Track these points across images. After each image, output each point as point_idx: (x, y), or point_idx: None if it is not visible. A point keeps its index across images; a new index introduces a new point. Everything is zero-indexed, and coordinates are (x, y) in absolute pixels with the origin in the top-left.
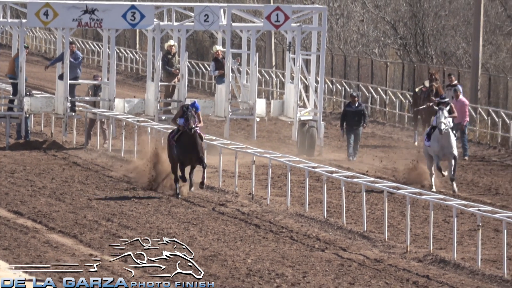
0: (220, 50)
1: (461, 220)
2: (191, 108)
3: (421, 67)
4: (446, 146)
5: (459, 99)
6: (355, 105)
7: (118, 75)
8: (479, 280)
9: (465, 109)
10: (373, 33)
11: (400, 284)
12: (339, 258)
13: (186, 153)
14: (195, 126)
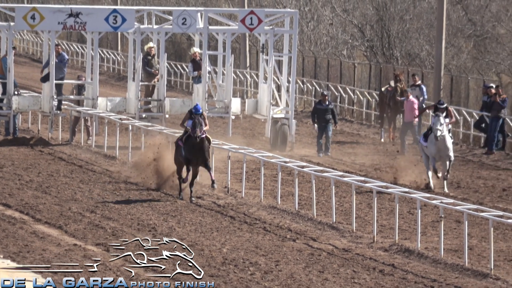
0: (197, 52)
1: (424, 212)
2: (196, 112)
3: (387, 68)
4: (443, 149)
5: (409, 99)
6: (326, 104)
7: (101, 75)
8: (442, 269)
9: (415, 108)
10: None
11: (367, 272)
12: (310, 247)
13: (194, 154)
14: (201, 134)
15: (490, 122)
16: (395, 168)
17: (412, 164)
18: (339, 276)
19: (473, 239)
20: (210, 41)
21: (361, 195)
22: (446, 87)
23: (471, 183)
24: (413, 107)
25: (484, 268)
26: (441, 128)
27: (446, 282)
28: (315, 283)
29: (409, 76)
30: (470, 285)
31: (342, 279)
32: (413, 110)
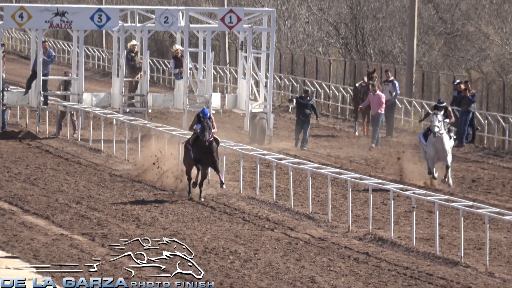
0: (179, 49)
1: (397, 202)
2: (204, 116)
3: (361, 64)
4: (441, 150)
5: (376, 93)
6: (307, 99)
7: (86, 72)
8: (414, 257)
9: (382, 102)
10: (317, 34)
11: (342, 260)
12: (287, 237)
13: (203, 156)
14: (210, 138)
15: (460, 116)
16: (400, 167)
17: (414, 163)
18: (316, 264)
19: (444, 229)
20: (191, 38)
21: (337, 187)
22: (417, 82)
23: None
24: (381, 101)
25: (455, 256)
26: (439, 125)
27: (418, 270)
28: (293, 271)
29: (382, 72)
30: (441, 272)
31: (318, 267)
32: (381, 104)
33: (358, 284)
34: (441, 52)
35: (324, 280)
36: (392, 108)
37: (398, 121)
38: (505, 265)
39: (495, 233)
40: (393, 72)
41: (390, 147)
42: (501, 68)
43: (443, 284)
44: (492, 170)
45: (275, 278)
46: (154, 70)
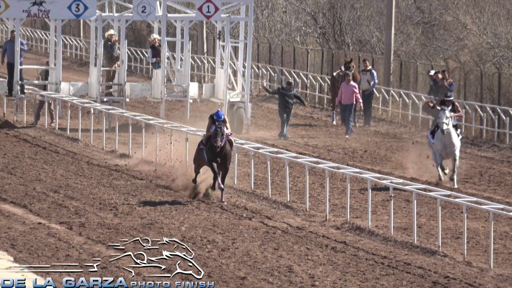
0: (156, 38)
1: (375, 191)
2: (218, 118)
3: (338, 53)
4: (448, 145)
5: (349, 83)
6: (289, 91)
7: (64, 61)
8: (392, 246)
9: (356, 93)
10: (295, 23)
11: (320, 249)
12: (265, 226)
13: (216, 159)
14: (222, 143)
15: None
16: (407, 165)
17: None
18: (293, 253)
19: (421, 218)
20: (169, 28)
21: (314, 176)
22: (395, 72)
23: (419, 163)
24: (353, 90)
25: (432, 245)
26: (447, 122)
27: (396, 259)
28: (270, 260)
29: (360, 61)
30: (419, 261)
31: (296, 256)
32: (353, 94)
33: (335, 273)
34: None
35: (301, 269)
36: (370, 97)
37: (375, 111)
38: (483, 255)
39: (473, 222)
40: (371, 61)
41: (367, 137)
42: (478, 58)
43: (420, 273)
44: (470, 159)
45: (253, 267)
46: (131, 60)
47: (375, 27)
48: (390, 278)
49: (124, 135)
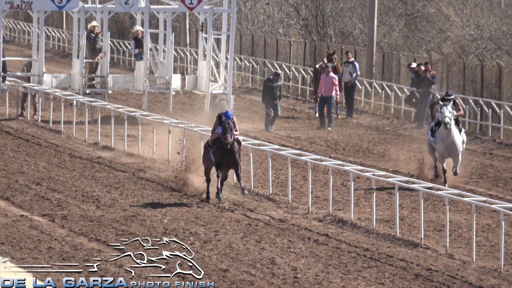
0: (139, 30)
1: (357, 184)
2: (227, 118)
3: (321, 45)
4: (451, 145)
5: (329, 75)
6: (276, 82)
7: (46, 53)
8: (374, 238)
9: (335, 84)
10: (278, 15)
11: (302, 242)
12: (247, 218)
13: (224, 160)
14: (232, 140)
15: (421, 98)
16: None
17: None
18: (276, 245)
19: (404, 210)
20: (152, 20)
21: (297, 168)
22: (378, 63)
23: (402, 155)
24: (333, 82)
25: (415, 238)
26: (450, 116)
27: (378, 251)
28: (253, 252)
29: (343, 53)
30: (401, 254)
31: (278, 248)
32: (333, 86)
33: (318, 265)
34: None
35: (284, 262)
36: (352, 89)
37: (358, 103)
38: (465, 247)
39: (455, 215)
40: (354, 53)
41: (350, 129)
42: (461, 50)
43: (403, 266)
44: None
45: (235, 259)
46: (114, 51)
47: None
48: (373, 271)
49: (106, 127)
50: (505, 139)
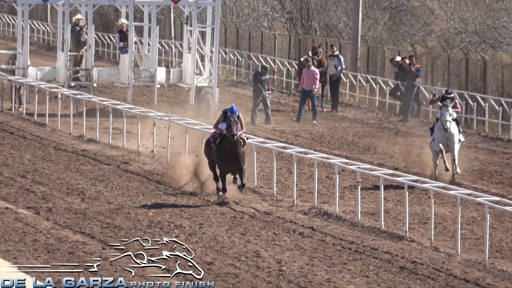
0: (124, 23)
1: (342, 176)
2: (232, 113)
3: (306, 39)
4: (449, 139)
5: (310, 69)
6: (265, 75)
7: (31, 46)
8: (359, 231)
9: (316, 78)
10: (262, 8)
11: (287, 235)
12: (232, 211)
13: (226, 161)
14: (238, 132)
15: (405, 91)
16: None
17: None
18: (261, 238)
19: (389, 203)
20: (136, 13)
21: (282, 161)
22: (363, 57)
23: (387, 148)
24: (315, 76)
25: (400, 230)
26: (450, 119)
27: (363, 244)
28: (237, 245)
29: (328, 46)
30: (386, 246)
31: (263, 241)
32: (314, 80)
33: (303, 258)
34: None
35: (269, 255)
36: (337, 82)
37: (343, 96)
38: (450, 240)
39: (440, 207)
40: (338, 46)
41: (334, 122)
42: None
43: (388, 259)
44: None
45: (220, 252)
46: (99, 44)
47: (343, 12)
48: (357, 263)
49: (91, 120)
50: (490, 133)
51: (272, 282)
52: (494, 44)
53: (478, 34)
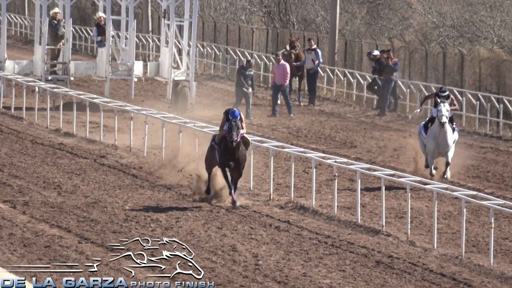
0: (101, 17)
1: (319, 171)
2: (233, 118)
3: (283, 32)
4: (442, 144)
5: (280, 63)
6: (249, 70)
7: (8, 39)
8: (335, 225)
9: (286, 72)
10: (240, 2)
11: (264, 229)
12: (208, 205)
13: (229, 160)
14: (238, 139)
15: (383, 85)
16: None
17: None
18: (237, 232)
19: (365, 197)
20: (114, 6)
21: (259, 155)
22: (340, 51)
23: (364, 143)
24: (285, 70)
25: (376, 224)
26: (447, 115)
27: (340, 238)
28: (214, 239)
29: (305, 40)
30: (362, 241)
31: (239, 235)
32: (285, 74)
33: (279, 252)
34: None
35: (245, 249)
36: (315, 76)
37: (320, 90)
38: (426, 234)
39: (417, 202)
40: (316, 40)
41: (312, 116)
42: (423, 37)
43: (364, 253)
44: (414, 139)
45: (197, 246)
46: (76, 38)
47: (320, 6)
48: (334, 258)
49: (68, 113)
50: (467, 127)
51: (248, 276)
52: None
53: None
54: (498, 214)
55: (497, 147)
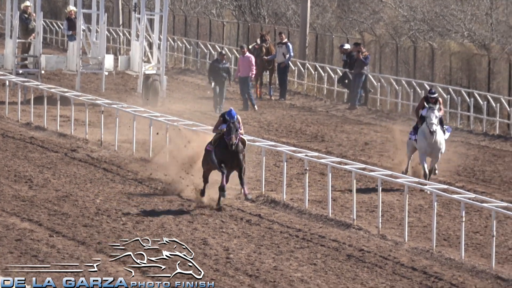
0: (72, 10)
1: (290, 164)
2: (231, 118)
3: (254, 26)
4: (434, 147)
5: (245, 55)
6: (223, 63)
7: None
8: (306, 219)
9: (252, 64)
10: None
11: (235, 222)
12: (180, 198)
13: (227, 159)
14: (236, 141)
15: (353, 79)
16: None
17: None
18: (208, 226)
19: (336, 191)
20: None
21: None
22: (311, 44)
23: (334, 136)
24: (250, 62)
25: (347, 218)
26: (436, 122)
27: (311, 232)
28: (185, 232)
29: (276, 34)
30: (333, 234)
31: (210, 228)
32: (250, 66)
33: (250, 246)
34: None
35: (216, 242)
36: (285, 70)
37: (291, 84)
38: (397, 228)
39: (388, 195)
40: (287, 34)
41: (282, 110)
42: (394, 31)
43: (335, 246)
44: (385, 132)
45: None
46: (47, 32)
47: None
48: (305, 251)
49: (39, 107)
50: None
51: (219, 269)
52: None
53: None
54: (469, 208)
55: (467, 141)
